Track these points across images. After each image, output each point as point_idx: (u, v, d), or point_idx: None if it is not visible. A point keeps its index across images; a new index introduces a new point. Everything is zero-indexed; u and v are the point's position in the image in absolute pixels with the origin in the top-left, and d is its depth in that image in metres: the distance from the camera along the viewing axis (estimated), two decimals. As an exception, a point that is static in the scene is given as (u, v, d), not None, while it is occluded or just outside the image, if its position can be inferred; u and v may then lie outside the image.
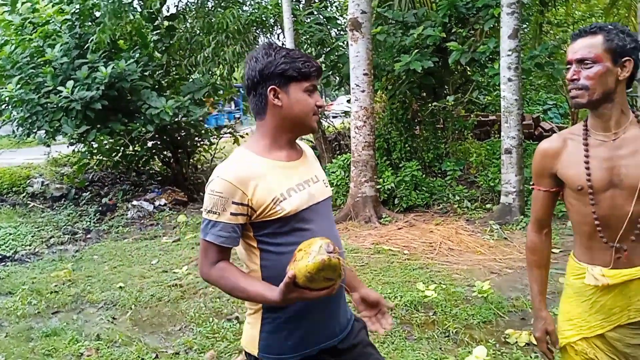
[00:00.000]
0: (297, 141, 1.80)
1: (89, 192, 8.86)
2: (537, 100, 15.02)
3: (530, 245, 1.93)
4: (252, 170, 1.60)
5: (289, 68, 1.60)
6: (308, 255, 1.38)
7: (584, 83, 1.62)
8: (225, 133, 10.11)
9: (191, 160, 10.06)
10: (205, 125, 10.05)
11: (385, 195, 7.12)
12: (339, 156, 8.25)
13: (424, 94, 8.23)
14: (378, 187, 6.92)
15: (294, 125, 1.67)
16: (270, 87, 1.63)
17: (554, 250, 5.12)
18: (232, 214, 1.55)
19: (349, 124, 7.85)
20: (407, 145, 8.08)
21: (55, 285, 5.13)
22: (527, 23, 9.29)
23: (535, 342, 1.98)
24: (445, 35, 7.06)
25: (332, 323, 1.71)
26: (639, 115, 1.72)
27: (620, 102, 1.67)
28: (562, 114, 15.24)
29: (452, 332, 3.62)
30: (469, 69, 8.49)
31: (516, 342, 3.41)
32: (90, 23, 9.00)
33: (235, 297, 1.65)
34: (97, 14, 9.50)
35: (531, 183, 1.92)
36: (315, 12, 8.54)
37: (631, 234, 1.70)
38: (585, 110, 1.73)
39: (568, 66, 1.68)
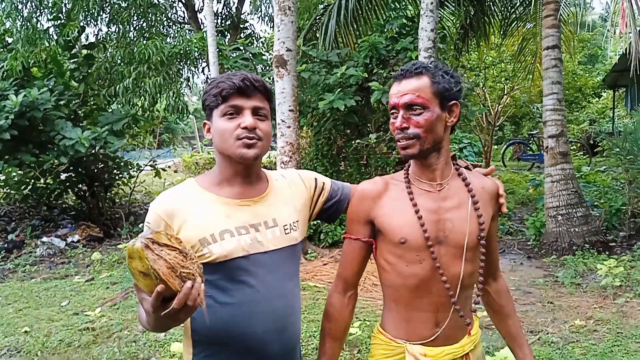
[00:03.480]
0: (272, 174, 1.60)
1: (-8, 228, 8.22)
2: (453, 139, 15.79)
3: (328, 309, 1.59)
4: (184, 202, 1.42)
5: (206, 97, 1.46)
6: None
7: (414, 132, 1.43)
8: (146, 165, 9.81)
9: (108, 193, 9.62)
10: (125, 158, 9.71)
11: (311, 231, 7.13)
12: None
13: (348, 131, 8.41)
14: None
15: (224, 158, 1.46)
16: (203, 122, 1.53)
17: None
18: None
19: (275, 158, 7.86)
20: (331, 180, 8.18)
21: (-51, 332, 4.67)
22: (443, 66, 9.73)
23: None
24: (367, 75, 7.31)
25: None
26: (459, 167, 1.58)
27: (447, 150, 1.52)
28: (477, 152, 16.10)
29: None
30: (390, 108, 8.79)
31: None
32: (1, 49, 8.53)
33: (147, 326, 1.32)
34: (10, 40, 9.06)
35: (343, 232, 1.65)
36: (241, 48, 8.57)
37: (464, 301, 1.51)
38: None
39: (393, 111, 1.47)
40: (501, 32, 9.98)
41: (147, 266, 1.10)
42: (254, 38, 13.69)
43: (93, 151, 8.20)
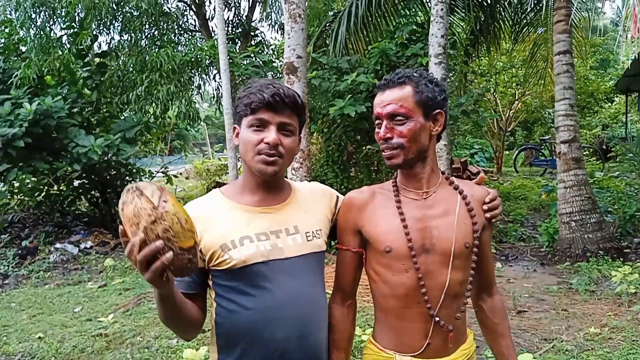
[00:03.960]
0: (296, 184, 1.62)
1: (7, 234, 8.29)
2: (464, 144, 15.74)
3: (330, 321, 1.56)
4: (206, 210, 1.46)
5: (239, 103, 1.48)
6: None
7: (398, 141, 1.44)
8: (158, 172, 9.87)
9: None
10: (137, 165, 9.78)
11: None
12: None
13: (359, 137, 8.42)
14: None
15: (247, 167, 1.49)
16: (233, 127, 1.55)
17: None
18: None
19: (285, 165, 7.88)
20: (343, 186, 8.19)
21: (-35, 338, 4.72)
22: (453, 72, 9.81)
23: None
24: (377, 82, 7.30)
25: None
26: (449, 176, 1.58)
27: (432, 159, 1.52)
28: (488, 158, 16.02)
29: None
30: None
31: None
32: (15, 58, 8.64)
33: (170, 326, 1.42)
34: (24, 48, 9.18)
35: (335, 242, 1.62)
36: (252, 55, 8.62)
37: (452, 311, 1.49)
38: None
39: (377, 122, 1.49)
40: (512, 38, 9.95)
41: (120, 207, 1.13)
42: (264, 45, 13.77)
43: (106, 158, 8.28)
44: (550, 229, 6.69)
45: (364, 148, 8.47)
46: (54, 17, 11.07)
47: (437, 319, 1.46)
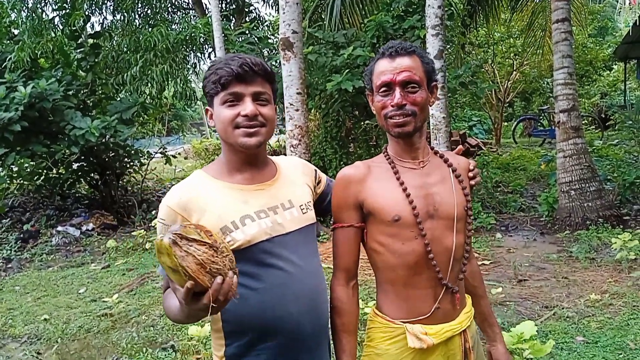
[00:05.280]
0: (276, 159, 1.60)
1: (8, 219, 8.31)
2: (462, 117, 15.69)
3: (337, 304, 1.53)
4: (198, 194, 1.40)
5: (206, 83, 1.43)
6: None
7: (412, 109, 1.43)
8: (156, 153, 9.84)
9: (120, 182, 9.69)
10: (135, 146, 9.75)
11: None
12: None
13: (357, 112, 8.38)
14: (314, 205, 6.93)
15: (229, 145, 1.45)
16: (205, 109, 1.51)
17: (484, 262, 5.35)
18: None
19: (284, 142, 7.86)
20: (342, 162, 8.18)
21: (-29, 322, 4.76)
22: (450, 44, 9.71)
23: None
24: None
25: None
26: (434, 148, 1.61)
27: (426, 129, 1.56)
28: (487, 130, 15.98)
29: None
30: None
31: None
32: (8, 41, 8.54)
33: (176, 321, 1.38)
34: (16, 31, 9.07)
35: (331, 223, 1.60)
36: (247, 32, 8.52)
37: (457, 273, 1.51)
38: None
39: (384, 89, 1.46)
40: (510, 7, 9.83)
41: (176, 263, 1.09)
42: (259, 22, 13.61)
43: (103, 140, 8.24)
44: (549, 199, 6.70)
45: (362, 123, 8.43)
46: (45, -2, 10.93)
47: (445, 281, 1.48)
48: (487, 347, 1.70)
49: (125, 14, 12.00)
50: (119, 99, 9.47)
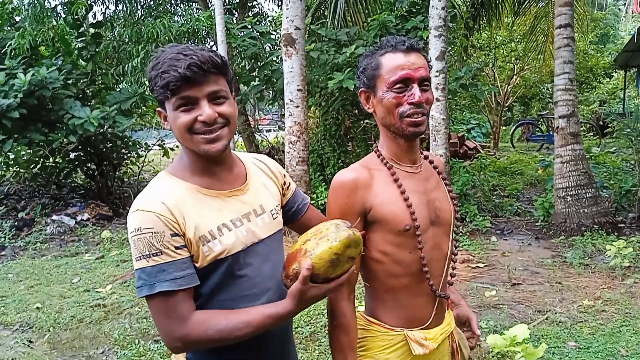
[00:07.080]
0: (244, 157, 1.48)
1: (3, 206, 8.28)
2: (461, 119, 15.70)
3: (343, 321, 1.40)
4: (177, 197, 1.26)
5: (153, 85, 1.25)
6: (325, 239, 1.17)
7: (427, 108, 1.37)
8: (154, 145, 9.81)
9: (117, 173, 9.66)
10: (133, 137, 9.71)
11: (320, 210, 7.14)
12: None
13: (357, 111, 8.37)
14: (312, 202, 6.93)
15: (189, 150, 1.30)
16: (157, 110, 1.33)
17: (479, 265, 5.36)
18: (176, 247, 1.21)
19: (283, 138, 7.85)
20: (340, 160, 8.17)
21: (-37, 308, 4.75)
22: (452, 46, 9.71)
23: None
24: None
25: None
26: (422, 151, 1.54)
27: None
28: (485, 133, 16.00)
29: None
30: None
31: None
32: (9, 27, 8.50)
33: (236, 339, 1.23)
34: (17, 18, 9.03)
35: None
36: (249, 27, 8.50)
37: (446, 277, 1.48)
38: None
39: (399, 85, 1.35)
40: (513, 11, 9.84)
41: (361, 247, 1.24)
42: (262, 17, 13.57)
43: (102, 130, 8.21)
44: (545, 204, 6.71)
45: (361, 122, 8.42)
46: (48, -15, 10.84)
47: (439, 292, 1.46)
48: (453, 311, 1.64)
49: (128, 4, 11.94)
50: (118, 89, 9.42)
